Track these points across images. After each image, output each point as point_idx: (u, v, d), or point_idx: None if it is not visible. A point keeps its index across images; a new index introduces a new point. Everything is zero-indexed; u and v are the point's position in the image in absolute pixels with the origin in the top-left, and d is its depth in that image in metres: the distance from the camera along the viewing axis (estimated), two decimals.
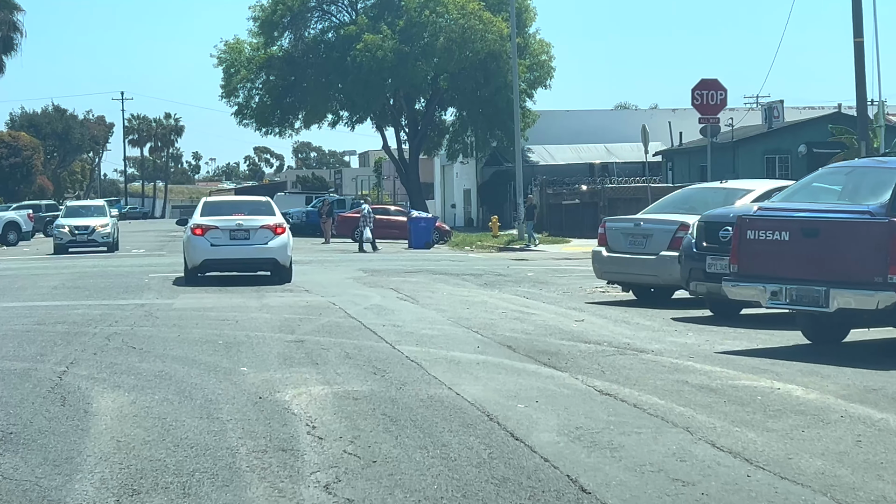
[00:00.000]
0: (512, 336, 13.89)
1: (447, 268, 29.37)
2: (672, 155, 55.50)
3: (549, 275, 25.86)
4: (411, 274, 26.66)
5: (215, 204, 25.87)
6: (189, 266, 24.20)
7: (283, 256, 24.07)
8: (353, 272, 27.92)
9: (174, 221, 29.42)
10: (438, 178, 77.37)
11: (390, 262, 33.94)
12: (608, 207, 47.80)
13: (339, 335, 14.23)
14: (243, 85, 65.99)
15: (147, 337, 14.26)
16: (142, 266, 32.51)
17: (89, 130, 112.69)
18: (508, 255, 39.60)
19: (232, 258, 24.02)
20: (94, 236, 43.79)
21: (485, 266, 30.37)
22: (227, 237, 23.96)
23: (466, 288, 22.08)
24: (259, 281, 24.55)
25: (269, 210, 25.01)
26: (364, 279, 25.09)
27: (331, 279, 25.30)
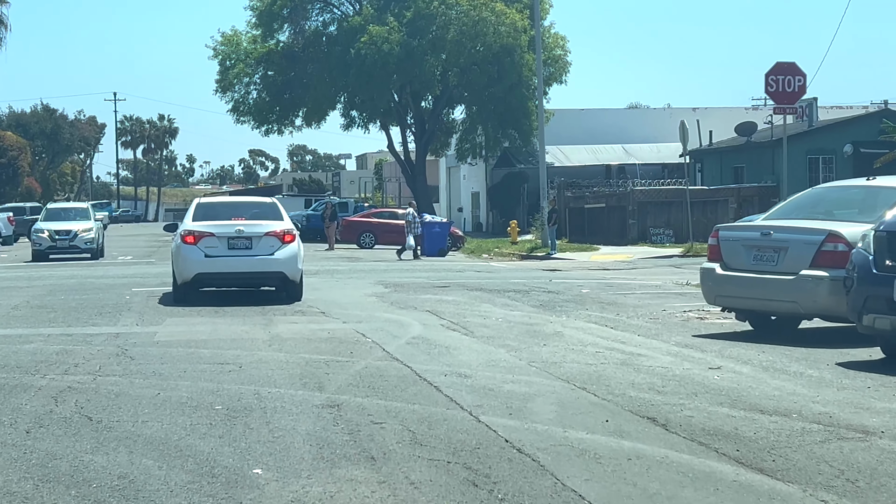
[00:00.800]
0: (641, 398, 9.49)
1: (479, 281, 24.96)
2: (702, 155, 51.16)
3: (608, 292, 21.46)
4: (442, 290, 22.26)
5: (210, 206, 21.43)
6: (178, 281, 19.76)
7: (293, 270, 19.67)
8: (371, 286, 23.53)
9: (162, 226, 24.66)
10: (444, 180, 72.87)
11: (408, 272, 29.54)
12: (638, 212, 43.46)
13: (388, 393, 9.82)
14: (240, 80, 61.48)
15: (113, 396, 9.83)
16: (126, 277, 28.14)
17: (80, 131, 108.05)
18: (535, 265, 35.22)
19: (231, 272, 19.59)
20: (76, 242, 39.34)
21: (521, 279, 25.98)
22: (225, 246, 19.54)
23: (522, 310, 17.66)
24: (263, 298, 20.17)
25: (275, 213, 20.59)
26: (388, 296, 20.68)
27: (349, 296, 20.90)
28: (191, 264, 19.43)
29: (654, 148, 61.48)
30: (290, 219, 20.55)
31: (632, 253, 39.02)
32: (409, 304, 19.00)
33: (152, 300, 20.33)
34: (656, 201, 43.54)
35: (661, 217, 43.30)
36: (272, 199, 21.92)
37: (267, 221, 20.03)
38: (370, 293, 21.69)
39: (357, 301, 19.88)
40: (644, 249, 40.36)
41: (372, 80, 55.30)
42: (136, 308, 18.80)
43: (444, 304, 18.72)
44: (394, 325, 15.46)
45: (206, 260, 19.39)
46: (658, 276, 27.51)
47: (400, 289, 22.64)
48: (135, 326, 15.85)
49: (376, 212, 52.06)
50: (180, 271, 19.62)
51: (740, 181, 46.93)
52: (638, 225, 43.26)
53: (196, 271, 19.41)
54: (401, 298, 20.14)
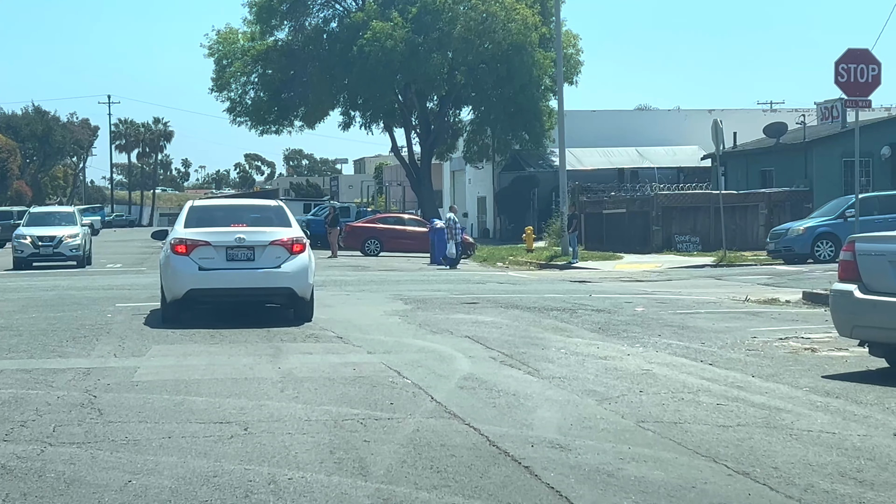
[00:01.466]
0: (842, 494, 6.37)
1: (510, 296, 21.83)
2: (725, 158, 47.96)
3: (666, 310, 18.34)
4: (472, 307, 19.12)
5: (206, 210, 18.22)
6: (168, 298, 16.60)
7: (303, 285, 16.54)
8: (389, 302, 20.42)
9: (150, 234, 21.38)
10: (448, 184, 69.70)
11: (424, 284, 26.42)
12: (662, 218, 40.36)
13: (463, 482, 6.70)
14: (237, 79, 58.31)
15: (63, 486, 6.69)
16: (112, 289, 25.03)
17: (72, 134, 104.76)
18: (558, 275, 32.11)
19: (230, 288, 16.43)
20: (60, 248, 36.16)
21: (555, 293, 22.86)
22: (223, 257, 16.39)
23: (582, 336, 14.51)
24: (267, 316, 17.09)
25: (281, 218, 17.42)
26: (413, 316, 17.55)
27: (366, 315, 17.76)
28: (182, 279, 16.29)
29: (669, 151, 58.43)
30: (298, 225, 17.39)
31: (659, 262, 35.92)
32: (440, 326, 15.87)
33: (137, 320, 17.20)
34: (681, 206, 40.43)
35: (686, 223, 40.20)
36: (277, 201, 18.71)
37: (272, 228, 16.90)
38: (390, 311, 18.56)
39: (378, 322, 16.76)
40: (671, 258, 37.27)
41: (375, 78, 52.17)
42: (116, 331, 15.66)
43: (484, 328, 15.59)
44: (433, 358, 12.34)
45: (200, 274, 16.25)
46: (703, 289, 24.43)
47: (423, 305, 19.52)
48: (112, 358, 12.71)
49: (382, 217, 48.93)
50: (170, 287, 16.48)
51: (768, 185, 43.84)
52: (662, 232, 40.16)
53: (188, 287, 16.26)
54: (428, 319, 17.00)
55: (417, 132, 58.51)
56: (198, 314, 17.22)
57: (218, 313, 17.61)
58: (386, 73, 52.25)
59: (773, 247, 33.89)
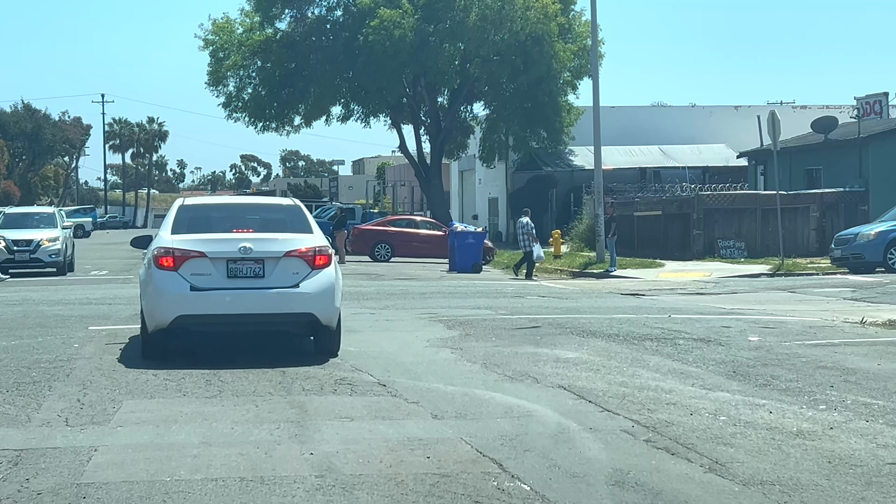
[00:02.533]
0: None
1: (569, 317, 17.68)
2: (764, 157, 43.91)
3: (785, 339, 14.20)
4: (536, 333, 14.99)
5: (200, 210, 13.91)
6: (150, 326, 12.38)
7: (329, 309, 12.39)
8: (426, 324, 16.34)
9: (129, 241, 16.97)
10: (456, 184, 65.43)
11: (459, 298, 22.31)
12: (704, 221, 36.24)
13: None
14: (234, 72, 54.02)
15: None
16: (89, 303, 21.01)
17: (64, 133, 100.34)
18: (601, 286, 28.00)
19: (232, 314, 12.21)
20: (38, 254, 32.01)
21: (619, 311, 18.75)
22: (223, 273, 12.22)
23: (725, 389, 10.37)
24: (279, 347, 13.08)
25: (298, 221, 13.20)
26: (469, 348, 13.40)
27: (407, 347, 13.64)
28: (168, 302, 12.11)
29: (694, 149, 54.34)
30: (320, 230, 13.18)
31: (706, 270, 31.81)
32: (513, 367, 11.74)
33: (110, 352, 13.09)
34: (725, 208, 36.31)
35: (730, 227, 36.10)
36: (293, 199, 14.41)
37: (287, 234, 12.72)
38: (434, 339, 14.43)
39: (425, 357, 12.63)
40: (717, 266, 33.17)
41: (381, 70, 47.92)
42: (80, 372, 11.53)
43: (575, 371, 11.45)
44: (537, 432, 8.24)
45: (191, 296, 12.07)
46: (786, 305, 20.35)
47: (473, 331, 15.39)
48: (61, 428, 8.60)
49: (392, 219, 44.73)
50: (152, 312, 12.29)
51: (815, 185, 39.75)
52: (704, 236, 36.05)
53: (176, 313, 12.08)
54: (491, 354, 12.85)
55: (427, 129, 54.30)
56: (188, 344, 13.13)
57: (214, 342, 13.51)
58: (394, 64, 48.04)
59: (840, 253, 29.81)
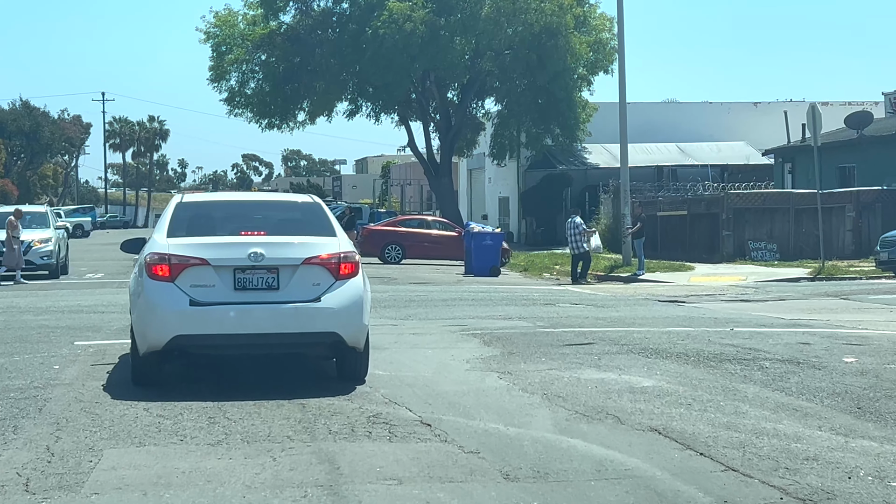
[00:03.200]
0: None
1: (617, 330, 15.57)
2: (792, 154, 41.84)
3: (884, 360, 12.08)
4: (591, 351, 12.86)
5: (201, 209, 11.62)
6: (141, 348, 10.21)
7: (356, 328, 10.28)
8: (460, 339, 14.24)
9: (119, 245, 14.72)
10: (465, 183, 63.21)
11: (483, 304, 20.21)
12: (734, 221, 34.10)
13: None
14: (237, 67, 51.82)
15: None
16: (80, 311, 19.01)
17: (63, 131, 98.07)
18: (630, 290, 25.88)
19: (239, 334, 10.05)
20: (30, 256, 29.84)
21: (669, 322, 16.65)
22: (229, 284, 10.07)
23: (866, 436, 8.25)
24: (294, 371, 10.96)
25: (318, 222, 11.00)
26: (517, 371, 11.29)
27: (446, 370, 11.52)
28: (163, 320, 9.98)
29: (713, 147, 52.19)
30: (344, 232, 11.02)
31: (740, 274, 29.70)
32: (579, 398, 9.64)
33: (95, 378, 10.99)
34: (755, 207, 34.16)
35: (761, 228, 33.96)
36: (311, 196, 12.23)
37: (306, 238, 10.57)
38: (474, 359, 12.32)
39: (469, 384, 10.52)
40: (750, 269, 31.05)
41: (390, 64, 45.73)
42: (55, 406, 9.45)
43: (660, 405, 9.33)
44: None
45: (191, 312, 9.94)
46: (846, 315, 18.23)
47: (514, 347, 13.29)
48: (17, 495, 6.45)
49: (403, 219, 42.54)
50: (144, 331, 10.15)
51: (847, 184, 37.60)
52: (733, 237, 33.91)
53: (173, 333, 9.94)
54: (547, 380, 10.72)
55: (436, 126, 52.14)
56: (187, 365, 11.04)
57: (218, 364, 11.41)
58: (403, 58, 45.87)
59: (887, 256, 27.69)
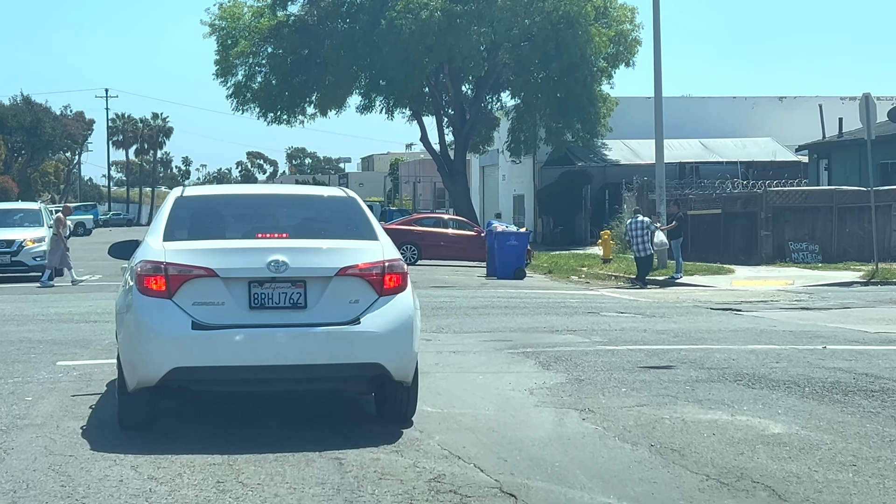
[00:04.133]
0: None
1: (696, 349, 13.27)
2: (828, 150, 39.50)
3: None
4: (680, 379, 10.56)
5: (206, 204, 9.15)
6: (130, 382, 7.86)
7: (405, 357, 8.01)
8: (510, 360, 11.99)
9: (107, 248, 12.37)
10: (477, 181, 60.81)
11: (519, 312, 17.93)
12: (773, 220, 31.77)
13: None
14: (243, 60, 49.51)
15: None
16: (69, 320, 16.87)
17: (66, 127, 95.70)
18: (671, 295, 23.57)
19: (255, 365, 7.72)
20: (21, 256, 27.60)
21: (740, 337, 14.39)
22: (243, 300, 7.77)
23: None
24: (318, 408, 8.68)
25: (355, 222, 8.61)
26: (603, 409, 8.99)
27: (508, 404, 9.25)
28: (158, 348, 7.67)
29: (738, 143, 49.82)
30: (387, 236, 8.70)
31: (784, 277, 27.37)
32: (697, 450, 7.37)
33: (74, 417, 8.76)
34: (796, 206, 31.83)
35: (802, 227, 31.64)
36: (343, 189, 9.84)
37: (340, 242, 8.25)
38: (537, 388, 10.07)
39: (545, 428, 8.26)
40: (794, 272, 28.73)
41: (407, 55, 43.33)
42: (17, 461, 7.24)
43: (818, 465, 7.04)
44: None
45: (195, 338, 7.63)
46: None
47: (580, 371, 11.02)
48: None
49: (418, 218, 40.24)
50: (134, 361, 7.83)
51: (890, 181, 35.24)
52: (773, 238, 31.58)
53: (170, 365, 7.64)
54: (644, 421, 8.43)
55: (450, 121, 49.78)
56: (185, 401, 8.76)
57: (225, 399, 9.11)
58: (419, 49, 43.48)
59: None
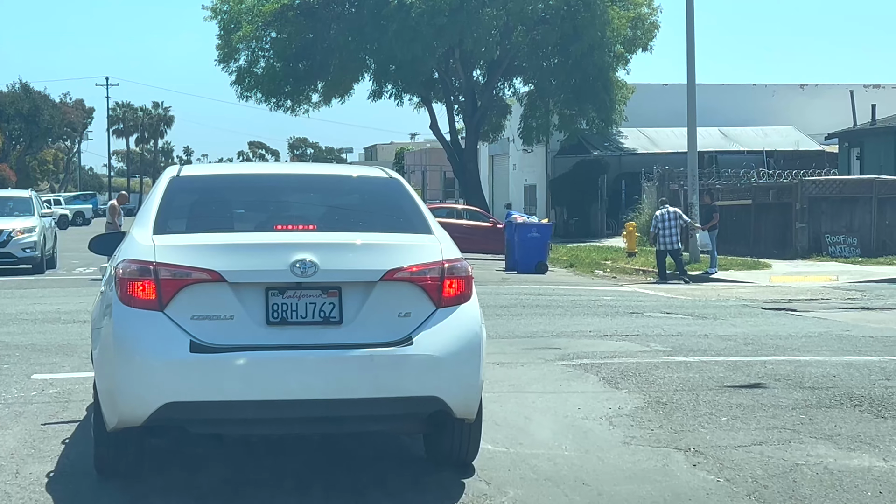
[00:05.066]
0: None
1: (779, 361, 11.34)
2: (860, 138, 37.51)
3: None
4: (781, 402, 8.64)
5: (210, 184, 7.08)
6: (111, 419, 5.92)
7: (469, 388, 6.06)
8: (575, 379, 10.11)
9: (87, 243, 10.43)
10: (486, 170, 58.70)
11: (555, 315, 16.00)
12: (809, 212, 29.80)
13: None
14: (245, 44, 47.45)
15: None
16: (56, 320, 15.16)
17: (65, 115, 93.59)
18: (711, 291, 21.60)
19: (274, 400, 5.76)
20: (9, 248, 25.64)
21: (816, 343, 12.54)
22: (258, 312, 5.83)
23: None
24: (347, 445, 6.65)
25: (401, 211, 6.68)
26: (708, 446, 7.06)
27: (588, 439, 7.31)
28: (145, 377, 5.72)
29: (759, 132, 47.82)
30: (442, 229, 6.76)
31: (826, 272, 25.42)
32: None
33: (40, 456, 6.83)
34: (833, 196, 29.86)
35: (840, 219, 29.68)
36: (383, 169, 7.86)
37: (384, 237, 6.30)
38: (615, 415, 8.18)
39: (651, 480, 6.32)
40: (835, 266, 26.80)
41: (416, 35, 41.21)
42: None
43: None
44: None
45: (193, 364, 5.69)
46: None
47: (656, 391, 9.14)
48: None
49: (430, 208, 38.18)
50: (112, 393, 5.88)
51: None
52: (808, 230, 29.62)
53: (161, 400, 5.69)
54: (775, 471, 6.50)
55: (460, 108, 47.73)
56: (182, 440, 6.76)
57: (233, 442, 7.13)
58: (430, 30, 41.37)
59: None
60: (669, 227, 24.98)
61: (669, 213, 25.30)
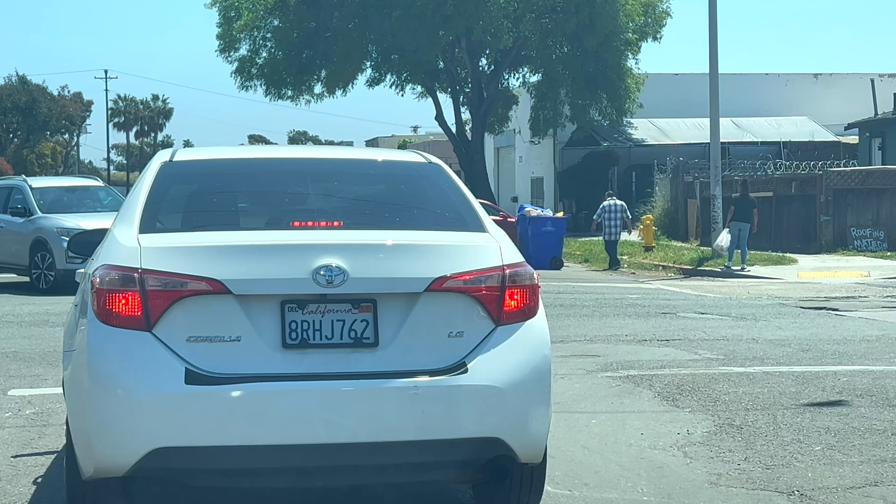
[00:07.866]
0: None
1: (854, 372, 10.08)
2: (882, 128, 36.26)
3: None
4: (872, 426, 7.40)
5: (209, 170, 5.75)
6: (87, 467, 4.65)
7: (536, 425, 4.77)
8: (626, 395, 8.86)
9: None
10: (491, 162, 57.38)
11: (583, 317, 14.77)
12: (833, 204, 28.53)
13: None
14: (247, 33, 46.15)
15: None
16: (43, 323, 14.27)
17: (63, 108, 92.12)
18: (742, 289, 20.37)
19: (290, 444, 4.53)
20: None
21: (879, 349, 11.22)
22: (271, 333, 4.56)
23: None
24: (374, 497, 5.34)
25: (447, 204, 5.39)
26: (812, 491, 5.77)
27: (671, 486, 6.01)
28: (129, 415, 4.47)
29: (772, 122, 46.53)
30: (497, 227, 5.52)
31: (855, 267, 24.18)
32: None
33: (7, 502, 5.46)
34: (859, 188, 28.58)
35: (866, 212, 28.43)
36: (421, 154, 6.38)
37: (426, 235, 5.05)
38: (687, 443, 6.91)
39: None
40: (864, 261, 25.55)
41: (421, 23, 39.90)
42: None
43: None
44: None
45: (190, 399, 4.44)
46: None
47: (727, 412, 7.89)
48: None
49: None
50: (88, 432, 4.61)
51: None
52: (833, 223, 28.35)
53: (150, 445, 4.44)
54: None
55: (466, 99, 46.40)
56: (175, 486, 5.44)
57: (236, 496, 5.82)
58: (435, 18, 40.07)
59: None
60: (614, 219, 26.30)
61: (616, 205, 26.60)
